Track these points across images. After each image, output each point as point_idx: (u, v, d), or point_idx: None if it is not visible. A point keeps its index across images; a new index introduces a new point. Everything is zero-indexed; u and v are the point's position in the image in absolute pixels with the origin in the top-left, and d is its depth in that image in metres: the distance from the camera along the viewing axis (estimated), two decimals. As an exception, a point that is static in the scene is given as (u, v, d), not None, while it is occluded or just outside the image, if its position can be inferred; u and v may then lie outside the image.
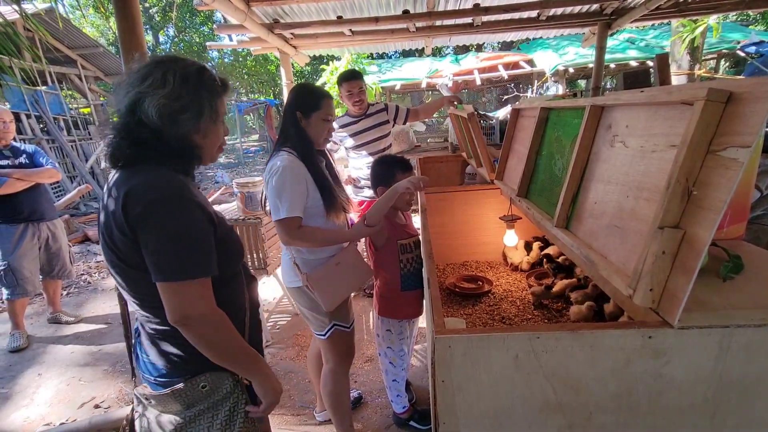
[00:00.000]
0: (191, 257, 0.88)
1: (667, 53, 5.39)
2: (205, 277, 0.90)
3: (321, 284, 1.56)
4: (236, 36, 4.56)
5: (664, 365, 0.86)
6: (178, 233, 0.86)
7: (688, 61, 6.31)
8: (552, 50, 8.75)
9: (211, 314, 0.91)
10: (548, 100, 1.75)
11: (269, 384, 1.00)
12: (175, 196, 0.87)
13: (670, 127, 0.90)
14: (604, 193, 1.14)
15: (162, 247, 0.85)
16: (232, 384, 0.98)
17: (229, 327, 0.94)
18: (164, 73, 0.91)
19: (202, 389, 0.95)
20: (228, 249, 1.00)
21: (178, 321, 0.88)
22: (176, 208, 0.87)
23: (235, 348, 0.95)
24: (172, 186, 0.88)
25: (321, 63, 7.65)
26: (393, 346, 1.83)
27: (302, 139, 1.59)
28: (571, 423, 0.94)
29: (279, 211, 1.48)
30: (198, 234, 0.90)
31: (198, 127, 0.95)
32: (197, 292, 0.88)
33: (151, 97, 0.89)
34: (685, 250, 0.81)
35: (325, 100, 1.62)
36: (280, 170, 1.48)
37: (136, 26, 1.79)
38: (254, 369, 0.98)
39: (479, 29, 4.17)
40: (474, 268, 2.42)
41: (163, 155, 0.92)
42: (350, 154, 2.96)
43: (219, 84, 0.99)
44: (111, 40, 15.65)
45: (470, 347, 0.89)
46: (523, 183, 1.79)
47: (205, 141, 0.99)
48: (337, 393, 1.72)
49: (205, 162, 1.04)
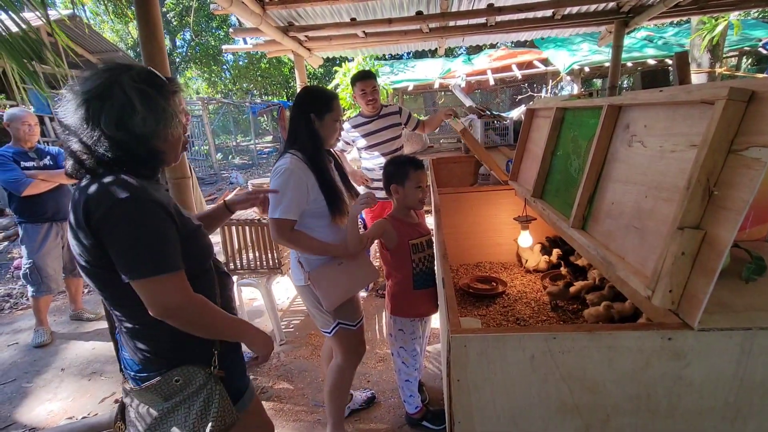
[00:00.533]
0: (160, 252, 0.91)
1: (687, 51, 5.28)
2: (178, 270, 0.93)
3: (322, 283, 1.60)
4: (251, 39, 4.64)
5: (684, 367, 0.85)
6: (142, 231, 0.89)
7: (708, 59, 6.16)
8: (566, 49, 8.64)
9: (191, 302, 0.95)
10: (564, 100, 1.74)
11: (259, 339, 1.11)
12: (134, 197, 0.89)
13: (690, 127, 0.89)
14: (622, 194, 1.13)
15: (129, 246, 0.88)
16: (205, 376, 1.03)
17: (210, 308, 1.00)
18: (116, 83, 0.91)
19: (176, 383, 1.00)
20: (193, 246, 1.03)
21: (161, 314, 0.92)
22: (136, 208, 0.89)
23: (221, 323, 1.03)
24: (129, 188, 0.90)
25: (333, 65, 7.71)
26: (406, 346, 1.83)
27: (314, 141, 1.62)
28: (588, 425, 0.93)
29: (275, 210, 1.53)
30: (163, 230, 0.93)
31: (158, 132, 0.97)
32: (173, 284, 0.92)
33: (108, 109, 0.90)
34: (706, 251, 0.80)
35: (335, 102, 1.67)
36: (284, 172, 1.53)
37: (157, 32, 1.84)
38: (243, 332, 1.09)
39: (493, 29, 4.15)
40: (488, 269, 2.41)
41: (126, 164, 0.94)
42: (362, 155, 2.98)
43: (169, 84, 1.00)
44: (130, 44, 16.03)
45: (486, 347, 0.89)
46: (538, 184, 1.78)
47: (167, 144, 1.01)
48: (337, 387, 1.75)
49: (169, 163, 1.06)
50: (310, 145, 1.61)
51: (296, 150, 1.60)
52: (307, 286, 1.65)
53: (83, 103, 0.90)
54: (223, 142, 15.87)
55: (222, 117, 15.55)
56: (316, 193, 1.58)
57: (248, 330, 1.11)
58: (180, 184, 1.96)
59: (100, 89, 0.90)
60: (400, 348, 1.84)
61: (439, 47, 5.12)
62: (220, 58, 17.25)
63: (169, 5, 15.46)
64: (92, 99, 0.90)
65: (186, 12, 16.12)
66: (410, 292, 1.77)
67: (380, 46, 4.87)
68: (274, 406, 2.15)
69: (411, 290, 1.77)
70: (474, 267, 2.45)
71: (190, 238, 1.02)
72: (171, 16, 15.74)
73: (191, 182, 2.04)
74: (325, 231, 1.63)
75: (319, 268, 1.63)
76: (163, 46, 1.87)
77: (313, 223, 1.61)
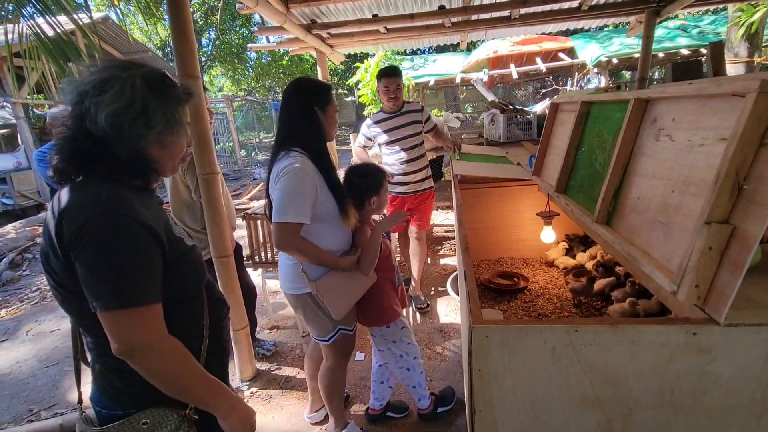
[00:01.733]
0: (132, 282, 0.78)
1: (722, 41, 5.03)
2: (150, 304, 0.81)
3: (331, 292, 1.52)
4: (274, 37, 4.71)
5: (710, 363, 0.85)
6: (114, 256, 0.77)
7: (746, 49, 5.86)
8: (595, 40, 8.37)
9: (160, 343, 0.82)
10: (589, 93, 1.71)
11: (235, 415, 0.91)
12: (112, 214, 0.78)
13: (720, 120, 0.88)
14: (648, 188, 1.12)
15: (98, 272, 0.77)
16: (177, 421, 0.89)
17: (183, 356, 0.85)
18: (121, 78, 0.81)
19: (143, 426, 0.87)
20: (182, 271, 0.91)
21: (123, 353, 0.80)
22: (112, 228, 0.78)
23: (190, 379, 0.86)
24: (108, 203, 0.79)
25: (354, 61, 7.74)
26: (409, 349, 1.80)
27: (319, 137, 1.53)
28: (609, 418, 0.94)
29: (285, 212, 1.39)
30: (139, 255, 0.80)
31: (156, 138, 0.86)
32: (142, 320, 0.80)
33: (107, 106, 0.79)
34: (735, 246, 0.79)
35: (332, 92, 1.59)
36: (297, 171, 1.41)
37: (188, 31, 1.92)
38: (216, 400, 0.89)
39: (516, 22, 4.08)
40: (509, 264, 2.41)
41: (113, 169, 0.84)
42: (383, 150, 3.00)
43: (181, 92, 0.91)
44: (158, 44, 16.53)
45: (507, 338, 0.91)
46: (562, 179, 1.76)
47: (164, 153, 0.89)
48: (334, 386, 1.74)
49: (165, 174, 0.95)
50: (318, 141, 1.51)
51: (300, 148, 1.48)
52: (306, 294, 1.56)
53: (80, 94, 0.81)
54: (246, 138, 16.20)
55: (245, 114, 15.87)
56: (325, 194, 1.48)
57: (224, 399, 0.90)
58: (209, 180, 2.04)
59: (101, 82, 0.81)
60: (400, 356, 1.79)
61: (461, 41, 5.07)
62: (243, 56, 17.56)
63: (195, 5, 15.85)
64: (91, 90, 0.80)
65: (211, 11, 16.48)
66: (393, 290, 1.77)
67: (402, 41, 4.87)
68: (298, 395, 2.22)
69: (394, 288, 1.77)
70: (495, 263, 2.44)
71: (180, 261, 0.90)
72: (197, 16, 16.12)
73: (219, 178, 2.12)
74: (329, 234, 1.54)
75: (327, 277, 1.53)
76: (193, 44, 1.94)
77: (316, 227, 1.49)
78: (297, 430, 2.00)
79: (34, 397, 2.48)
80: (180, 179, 2.18)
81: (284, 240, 1.42)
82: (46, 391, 2.52)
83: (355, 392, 2.21)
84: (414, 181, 2.89)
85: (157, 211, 0.91)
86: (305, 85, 1.56)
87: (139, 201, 0.85)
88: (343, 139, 12.75)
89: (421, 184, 2.93)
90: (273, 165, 1.50)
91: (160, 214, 0.91)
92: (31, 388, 2.56)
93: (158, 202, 0.97)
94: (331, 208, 1.50)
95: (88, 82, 0.82)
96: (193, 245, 0.98)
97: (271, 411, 2.14)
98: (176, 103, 0.89)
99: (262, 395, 2.25)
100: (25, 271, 4.81)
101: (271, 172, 1.49)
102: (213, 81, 19.30)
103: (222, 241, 2.12)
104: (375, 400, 1.97)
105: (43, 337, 3.22)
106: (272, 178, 1.48)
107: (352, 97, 17.58)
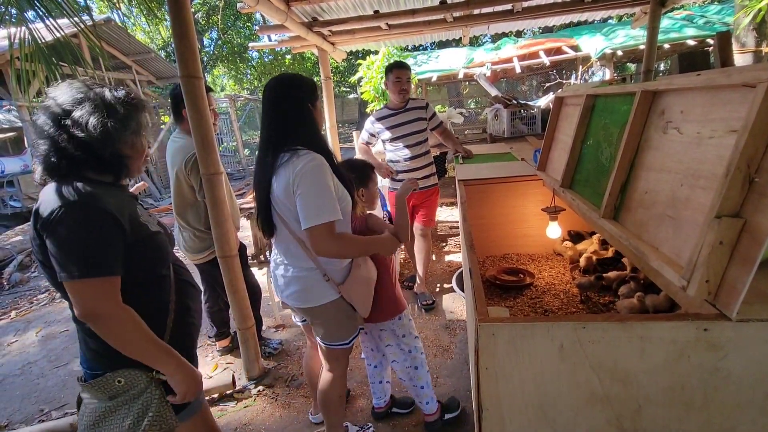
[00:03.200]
0: (93, 256, 0.95)
1: (730, 31, 4.94)
2: (107, 276, 0.97)
3: (357, 292, 1.51)
4: (276, 36, 4.70)
5: (721, 359, 0.83)
6: (78, 234, 0.94)
7: (754, 38, 5.76)
8: (599, 33, 8.28)
9: (116, 311, 0.98)
10: (595, 86, 1.69)
11: (180, 374, 1.07)
12: (79, 204, 0.95)
13: (729, 112, 0.86)
14: (656, 182, 1.10)
15: (62, 246, 0.93)
16: (147, 381, 1.05)
17: (135, 323, 1.01)
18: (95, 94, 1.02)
19: (118, 384, 1.04)
20: (144, 252, 1.07)
21: (85, 317, 0.96)
22: (77, 213, 0.95)
23: (140, 342, 1.02)
24: (79, 195, 0.96)
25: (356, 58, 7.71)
26: (417, 344, 1.79)
27: (317, 133, 1.46)
28: (619, 415, 0.93)
29: (321, 213, 1.30)
30: (100, 237, 0.97)
31: (129, 139, 1.07)
32: (101, 289, 0.96)
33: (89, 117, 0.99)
34: (746, 240, 0.77)
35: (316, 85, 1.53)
36: (319, 168, 1.33)
37: (189, 31, 1.91)
38: (164, 361, 1.05)
39: (519, 15, 4.03)
40: (515, 260, 2.39)
41: (92, 167, 1.02)
42: (387, 147, 2.99)
43: (140, 101, 1.11)
44: (160, 45, 16.58)
45: (514, 335, 0.90)
46: (567, 173, 1.75)
47: (133, 152, 1.10)
48: (340, 396, 1.69)
49: (133, 173, 1.13)
50: (317, 137, 1.45)
51: (301, 146, 1.38)
52: (332, 302, 1.49)
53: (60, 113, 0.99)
54: (250, 138, 16.23)
55: (248, 113, 15.89)
56: (341, 190, 1.43)
57: (172, 360, 1.07)
58: (213, 179, 2.05)
59: (79, 98, 1.01)
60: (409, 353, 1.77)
61: (464, 36, 5.03)
62: (245, 56, 17.57)
63: (196, 5, 15.87)
64: (70, 108, 0.99)
65: (213, 11, 16.49)
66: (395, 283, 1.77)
67: (404, 37, 4.83)
68: (305, 393, 2.23)
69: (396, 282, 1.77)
70: (501, 258, 2.43)
71: (142, 243, 1.06)
72: (198, 16, 16.14)
73: (223, 177, 2.12)
74: (343, 228, 1.47)
75: (350, 277, 1.50)
76: (195, 45, 1.94)
77: (340, 223, 1.43)
78: (304, 427, 2.01)
79: (44, 397, 2.50)
80: (184, 179, 2.18)
81: (324, 242, 1.32)
82: (56, 391, 2.55)
83: (361, 390, 2.21)
84: (418, 177, 2.88)
85: (124, 202, 1.07)
86: (297, 81, 1.46)
87: (107, 193, 1.02)
88: (347, 136, 12.73)
89: (426, 180, 2.92)
90: (277, 167, 1.37)
91: (127, 204, 1.08)
92: (42, 389, 2.59)
93: (129, 195, 1.14)
94: (347, 202, 1.45)
95: (62, 102, 1.00)
96: (157, 231, 1.14)
97: (278, 409, 2.15)
98: (139, 111, 1.10)
99: (269, 393, 2.26)
100: (34, 273, 4.86)
101: (277, 175, 1.37)
102: (215, 81, 19.33)
103: (226, 240, 2.13)
104: (378, 399, 1.97)
105: (52, 338, 3.26)
106: (284, 181, 1.35)
107: (354, 94, 17.54)
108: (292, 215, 1.39)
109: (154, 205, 8.24)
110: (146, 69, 10.08)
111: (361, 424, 1.95)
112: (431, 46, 13.15)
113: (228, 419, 2.11)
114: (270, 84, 1.45)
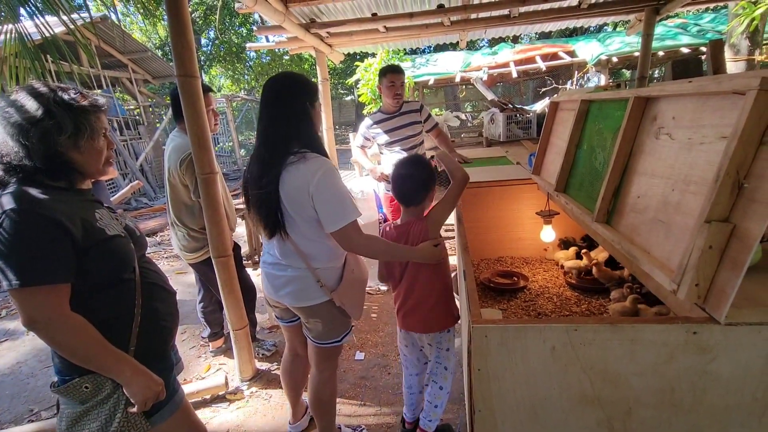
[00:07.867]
0: (31, 265, 0.93)
1: (722, 40, 5.01)
2: (48, 284, 0.94)
3: (348, 295, 1.52)
4: (273, 37, 4.70)
5: (710, 362, 0.84)
6: (19, 243, 0.92)
7: (747, 46, 5.85)
8: (595, 39, 8.37)
9: (59, 318, 0.95)
10: (589, 91, 1.70)
11: (136, 382, 1.03)
12: (18, 211, 0.93)
13: (720, 118, 0.87)
14: (648, 187, 1.11)
15: (5, 256, 0.92)
16: (112, 386, 1.04)
17: (83, 330, 0.98)
18: (41, 100, 0.99)
19: (86, 389, 1.03)
20: (101, 258, 1.05)
21: (27, 324, 0.94)
22: (18, 221, 0.92)
23: (90, 350, 0.99)
24: (21, 201, 0.95)
25: (353, 60, 7.73)
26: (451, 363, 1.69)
27: (317, 135, 1.45)
28: (610, 417, 0.94)
29: (347, 212, 1.34)
30: (40, 244, 0.94)
31: (71, 143, 1.02)
32: (43, 297, 0.94)
33: (30, 123, 0.96)
34: (735, 245, 0.78)
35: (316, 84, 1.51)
36: (333, 170, 1.36)
37: (186, 30, 1.91)
38: (116, 369, 1.02)
39: (516, 20, 4.07)
40: (509, 263, 2.40)
41: (45, 174, 1.00)
42: (383, 151, 3.00)
43: (89, 104, 1.07)
44: (157, 44, 16.51)
45: (507, 337, 0.91)
46: (562, 177, 1.76)
47: (84, 156, 1.06)
48: (332, 395, 1.68)
49: (92, 176, 1.11)
50: (318, 139, 1.44)
51: (304, 148, 1.38)
52: (326, 302, 1.50)
53: (9, 119, 0.97)
54: (246, 138, 16.19)
55: (245, 113, 15.85)
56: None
57: (124, 368, 1.03)
58: (208, 180, 2.04)
59: (25, 107, 0.98)
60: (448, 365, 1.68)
61: (461, 40, 5.06)
62: (243, 56, 17.54)
63: (194, 5, 15.84)
64: (17, 115, 0.97)
65: (210, 11, 16.46)
66: None
67: (401, 40, 4.86)
68: (298, 394, 2.22)
69: None
70: (495, 261, 2.44)
71: (96, 248, 1.03)
72: (196, 16, 16.10)
73: (219, 177, 2.12)
74: None
75: (344, 281, 1.51)
76: (192, 44, 1.94)
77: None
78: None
79: (34, 397, 2.47)
80: (179, 179, 2.17)
81: (354, 237, 1.34)
82: (46, 391, 2.52)
83: (354, 392, 2.21)
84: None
85: (76, 207, 1.03)
86: (297, 80, 1.44)
87: (58, 199, 1.00)
88: (343, 138, 12.73)
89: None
90: (280, 170, 1.35)
91: (81, 209, 1.04)
92: (32, 389, 2.56)
93: (87, 199, 1.11)
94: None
95: (3, 107, 0.98)
96: (116, 235, 1.10)
97: (271, 410, 2.14)
98: (85, 113, 1.04)
99: (263, 395, 2.25)
100: (25, 271, 4.81)
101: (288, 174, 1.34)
102: (213, 81, 19.28)
103: (221, 241, 2.12)
104: (411, 412, 1.84)
105: (43, 338, 3.22)
106: (297, 183, 1.33)
107: (351, 96, 17.56)
108: (302, 216, 1.38)
109: (149, 204, 8.18)
110: (142, 67, 10.04)
111: (354, 426, 1.94)
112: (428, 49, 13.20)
113: (220, 420, 2.10)
114: (270, 82, 1.43)
